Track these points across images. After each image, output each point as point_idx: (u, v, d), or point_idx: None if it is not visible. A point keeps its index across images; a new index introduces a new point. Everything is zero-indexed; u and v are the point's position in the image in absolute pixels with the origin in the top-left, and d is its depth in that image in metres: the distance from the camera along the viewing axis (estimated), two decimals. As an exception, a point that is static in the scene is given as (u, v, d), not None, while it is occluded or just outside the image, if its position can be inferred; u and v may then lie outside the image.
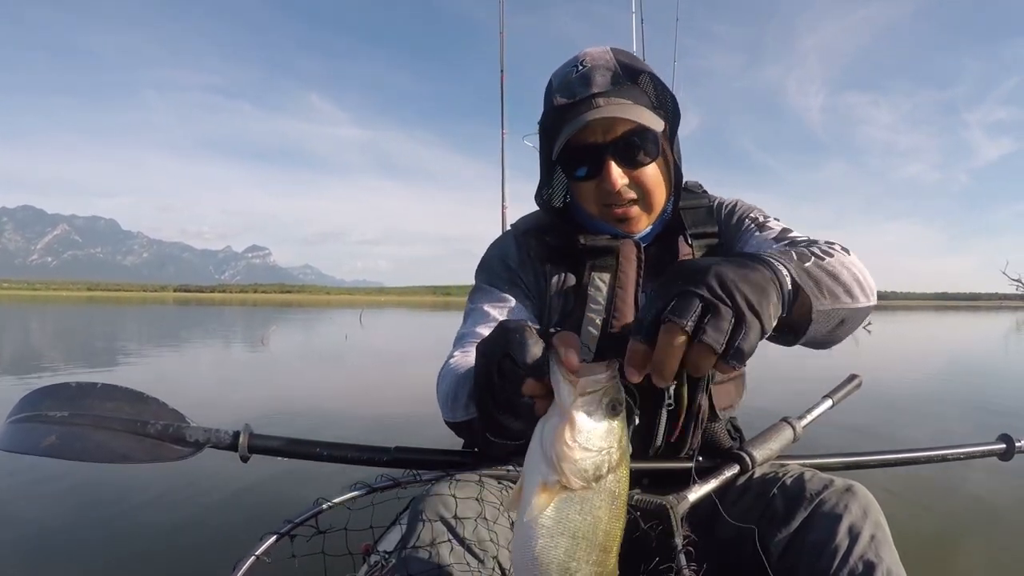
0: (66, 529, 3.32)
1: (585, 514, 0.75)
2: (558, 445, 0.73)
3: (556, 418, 0.75)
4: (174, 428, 1.31)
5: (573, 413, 0.73)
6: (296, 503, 1.33)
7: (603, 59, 1.34)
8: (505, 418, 0.90)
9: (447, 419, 1.28)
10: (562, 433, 0.73)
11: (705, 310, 0.71)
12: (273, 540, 1.26)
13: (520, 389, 0.82)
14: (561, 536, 0.75)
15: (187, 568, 2.86)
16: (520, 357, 0.83)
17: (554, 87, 1.36)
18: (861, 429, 5.48)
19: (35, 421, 1.27)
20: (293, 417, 6.33)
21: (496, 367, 0.87)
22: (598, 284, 1.37)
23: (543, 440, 0.76)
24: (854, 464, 1.47)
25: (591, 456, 0.74)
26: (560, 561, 0.76)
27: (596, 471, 0.74)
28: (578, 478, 0.74)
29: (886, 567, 1.08)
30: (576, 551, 0.76)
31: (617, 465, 0.76)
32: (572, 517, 0.75)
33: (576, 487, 0.74)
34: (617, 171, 1.31)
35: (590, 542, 0.76)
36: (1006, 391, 9.31)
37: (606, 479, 0.75)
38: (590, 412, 0.74)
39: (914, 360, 13.51)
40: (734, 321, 0.72)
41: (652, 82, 1.36)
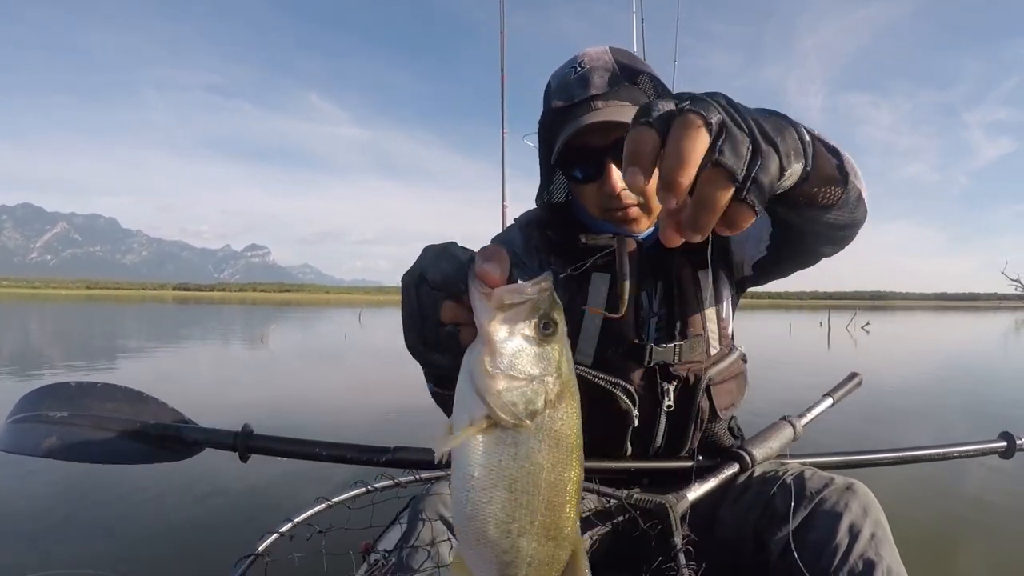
0: (65, 529, 3.32)
1: (521, 459, 0.63)
2: (478, 374, 0.62)
3: (477, 343, 0.64)
4: (174, 428, 1.32)
5: (489, 331, 0.62)
6: (296, 502, 1.33)
7: (602, 60, 1.32)
8: (433, 355, 0.77)
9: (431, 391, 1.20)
10: (481, 357, 0.62)
11: (720, 130, 0.60)
12: (273, 539, 1.26)
13: (440, 318, 0.71)
14: (495, 488, 0.63)
15: (187, 567, 2.86)
16: (431, 275, 0.71)
17: (552, 89, 1.35)
18: (860, 429, 5.48)
19: (35, 421, 1.27)
20: (293, 416, 6.33)
21: (415, 294, 0.74)
22: (597, 284, 1.36)
23: (467, 371, 0.64)
24: (854, 463, 1.47)
25: (519, 386, 0.62)
26: (498, 520, 0.63)
27: (528, 405, 0.62)
28: (506, 413, 0.61)
29: (886, 565, 1.08)
30: (516, 509, 0.63)
31: (557, 398, 0.64)
32: (506, 464, 0.62)
33: (507, 424, 0.62)
34: (618, 174, 1.28)
35: (532, 496, 0.63)
36: (1005, 391, 9.31)
37: (543, 415, 0.63)
38: (512, 330, 0.63)
39: (913, 360, 13.53)
40: (751, 149, 0.61)
41: (652, 82, 1.34)
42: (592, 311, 1.31)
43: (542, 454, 0.63)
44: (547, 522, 0.64)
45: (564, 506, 0.65)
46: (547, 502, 0.64)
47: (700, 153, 0.57)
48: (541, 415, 0.63)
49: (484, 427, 0.62)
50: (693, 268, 1.39)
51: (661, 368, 1.34)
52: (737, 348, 1.47)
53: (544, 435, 0.63)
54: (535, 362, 0.63)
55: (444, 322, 0.71)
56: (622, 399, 1.32)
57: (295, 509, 1.32)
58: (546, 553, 0.65)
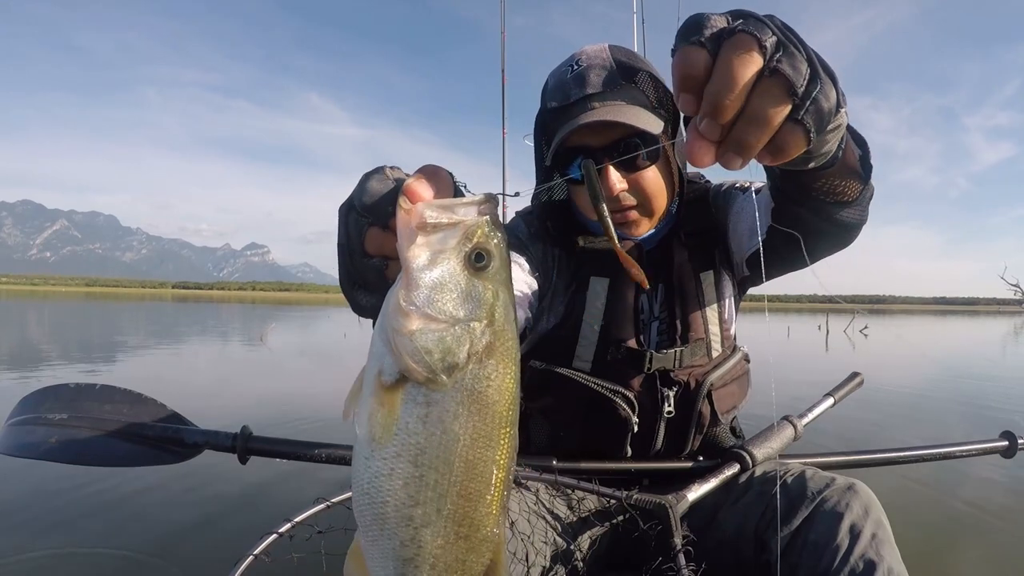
0: (64, 530, 3.31)
1: (431, 424, 0.49)
2: (391, 311, 0.50)
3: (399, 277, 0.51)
4: (173, 430, 1.32)
5: (407, 257, 0.49)
6: (296, 502, 1.33)
7: (599, 58, 1.29)
8: (358, 294, 0.69)
9: None
10: (396, 289, 0.50)
11: (776, 48, 0.53)
12: (272, 539, 1.26)
13: (365, 247, 0.62)
14: (397, 459, 0.49)
15: (186, 569, 2.86)
16: (358, 199, 0.62)
17: (549, 88, 1.32)
18: (856, 430, 5.48)
19: (35, 424, 1.27)
20: (292, 417, 6.32)
21: (344, 223, 0.65)
22: (596, 289, 1.34)
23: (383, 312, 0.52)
24: (856, 463, 1.47)
25: (436, 329, 0.49)
26: (398, 501, 0.50)
27: (446, 355, 0.49)
28: (417, 362, 0.48)
29: (887, 566, 1.08)
30: (421, 489, 0.50)
31: (486, 353, 0.50)
32: (413, 428, 0.49)
33: (418, 378, 0.49)
34: (615, 176, 1.25)
35: (441, 475, 0.50)
36: (1000, 393, 9.32)
37: (464, 372, 0.50)
38: (436, 257, 0.49)
39: (910, 363, 13.53)
40: (809, 70, 0.55)
41: (651, 81, 1.30)
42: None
43: (459, 421, 0.49)
44: (459, 513, 0.51)
45: (483, 495, 0.51)
46: (461, 486, 0.50)
47: (751, 76, 0.52)
48: (462, 371, 0.49)
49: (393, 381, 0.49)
50: (695, 269, 1.38)
51: (661, 374, 1.33)
52: (740, 349, 1.46)
53: (464, 397, 0.50)
54: (460, 301, 0.49)
55: (370, 253, 0.62)
56: (621, 407, 1.31)
57: (294, 510, 1.32)
58: (454, 556, 0.51)
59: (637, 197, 1.30)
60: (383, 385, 0.49)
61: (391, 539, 0.51)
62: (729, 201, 1.39)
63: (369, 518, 0.51)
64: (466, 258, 0.50)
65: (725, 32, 0.53)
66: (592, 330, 1.33)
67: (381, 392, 0.49)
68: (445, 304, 0.49)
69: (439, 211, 0.50)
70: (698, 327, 1.35)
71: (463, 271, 0.50)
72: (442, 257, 0.49)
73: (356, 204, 0.62)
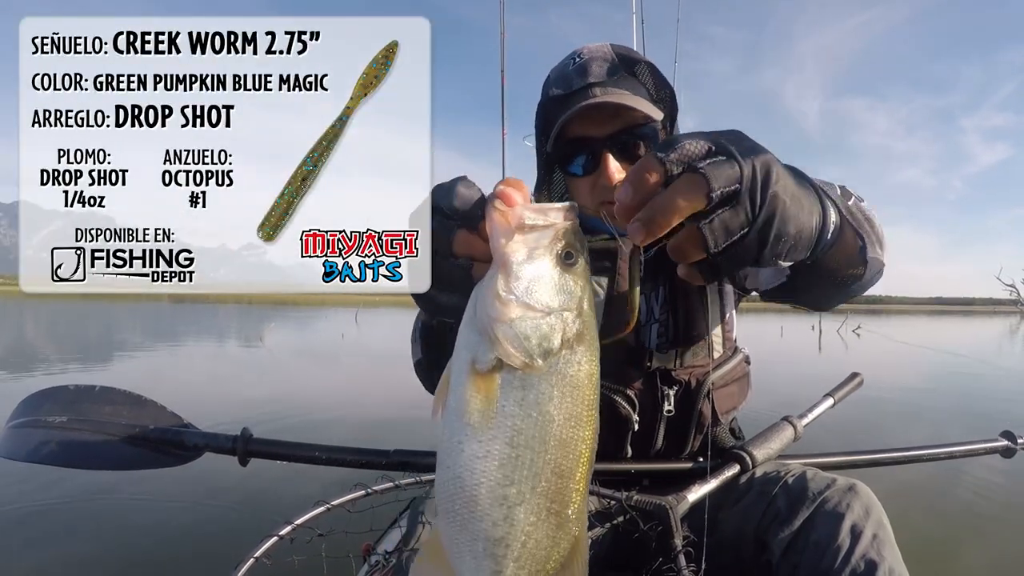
0: (64, 532, 3.31)
1: (528, 406, 0.53)
2: (489, 299, 0.54)
3: (492, 271, 0.56)
4: (173, 433, 1.31)
5: (506, 252, 0.55)
6: (297, 504, 1.33)
7: (601, 52, 1.31)
8: (441, 296, 0.72)
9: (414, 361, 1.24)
10: (494, 283, 0.55)
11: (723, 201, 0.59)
12: (272, 542, 1.25)
13: (452, 249, 0.66)
14: (494, 441, 0.53)
15: (186, 571, 2.85)
16: (445, 202, 0.67)
17: (551, 79, 1.34)
18: (854, 428, 5.49)
19: (34, 427, 1.27)
20: (292, 417, 6.31)
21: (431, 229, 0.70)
22: (596, 289, 1.35)
23: (474, 304, 0.57)
24: (856, 463, 1.47)
25: (534, 317, 0.54)
26: (493, 481, 0.53)
27: (543, 341, 0.54)
28: (516, 348, 0.53)
29: (888, 566, 1.08)
30: (516, 469, 0.53)
31: (576, 340, 0.56)
32: (510, 410, 0.53)
33: (515, 361, 0.53)
34: (615, 165, 1.27)
35: (537, 455, 0.53)
36: (993, 391, 9.33)
37: (559, 356, 0.54)
38: (533, 253, 0.55)
39: (901, 362, 13.56)
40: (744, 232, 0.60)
41: (650, 72, 1.33)
42: None
43: (554, 403, 0.54)
44: (552, 490, 0.54)
45: (574, 473, 0.55)
46: (555, 464, 0.54)
47: (686, 215, 0.57)
48: (556, 356, 0.54)
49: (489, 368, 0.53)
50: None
51: (662, 373, 1.33)
52: (741, 350, 1.46)
53: (558, 380, 0.54)
54: (555, 293, 0.55)
55: (457, 254, 0.66)
56: (622, 405, 1.32)
57: (295, 512, 1.32)
58: (545, 533, 0.55)
59: None
60: (478, 372, 0.54)
61: (482, 520, 0.53)
62: None
63: (460, 502, 0.54)
64: (558, 256, 0.56)
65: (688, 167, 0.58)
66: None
67: (477, 379, 0.53)
68: (542, 295, 0.55)
69: (534, 214, 0.56)
70: (700, 328, 1.35)
71: (556, 266, 0.56)
72: (538, 253, 0.55)
73: (445, 208, 0.67)
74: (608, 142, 1.27)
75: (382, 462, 1.35)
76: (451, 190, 0.67)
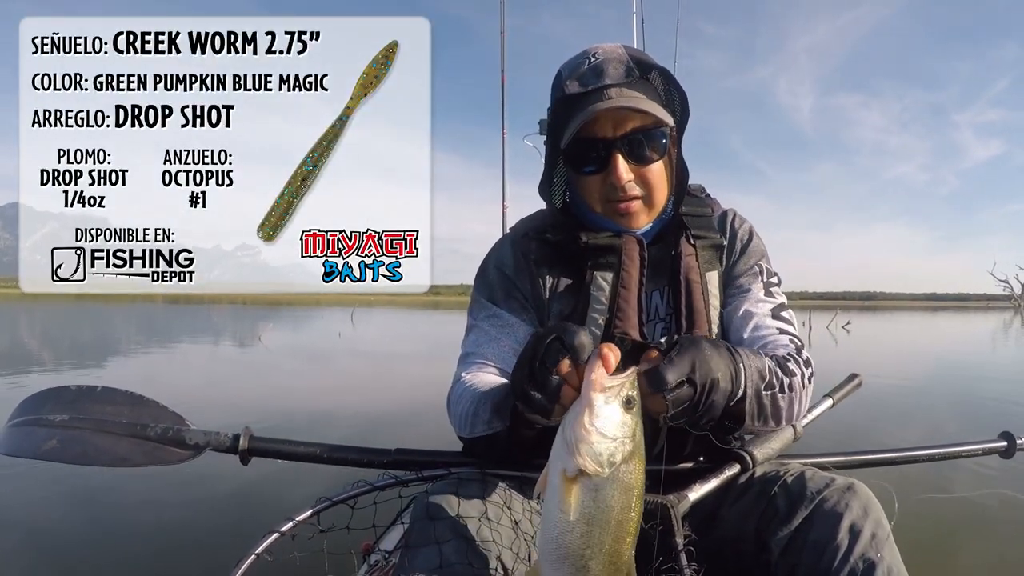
0: (66, 531, 3.31)
1: (600, 502, 0.84)
2: (577, 428, 0.83)
3: (578, 406, 0.86)
4: (174, 431, 1.31)
5: (593, 398, 0.84)
6: (298, 501, 1.33)
7: (615, 53, 1.32)
8: (532, 392, 0.96)
9: (464, 435, 1.32)
10: (582, 416, 0.84)
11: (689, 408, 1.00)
12: (274, 538, 1.25)
13: (557, 366, 0.93)
14: (578, 522, 0.84)
15: (188, 568, 2.86)
16: (568, 339, 0.94)
17: (564, 77, 1.34)
18: (857, 429, 5.50)
19: (35, 425, 1.27)
20: (292, 416, 6.31)
21: (544, 345, 0.96)
22: (600, 283, 1.35)
23: (565, 427, 0.86)
24: (855, 463, 1.48)
25: (606, 442, 0.83)
26: (576, 546, 0.85)
27: (610, 458, 0.83)
28: (592, 461, 0.82)
29: (887, 565, 1.09)
30: (590, 538, 0.84)
31: (630, 457, 0.85)
32: (587, 503, 0.84)
33: (591, 470, 0.82)
34: (624, 166, 1.30)
35: (603, 529, 0.84)
36: (985, 388, 9.36)
37: (619, 468, 0.84)
38: (608, 401, 0.84)
39: (889, 357, 13.60)
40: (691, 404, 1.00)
41: (663, 78, 1.35)
42: None
43: (614, 498, 0.84)
44: (612, 550, 0.86)
45: (626, 538, 0.87)
46: (614, 535, 0.85)
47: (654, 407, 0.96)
48: (617, 468, 0.84)
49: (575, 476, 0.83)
50: (702, 269, 1.39)
51: None
52: None
53: (617, 484, 0.85)
54: (618, 426, 0.84)
55: (558, 372, 0.93)
56: None
57: (296, 509, 1.32)
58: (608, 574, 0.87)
59: (642, 189, 1.34)
60: (567, 478, 0.83)
61: (569, 567, 0.86)
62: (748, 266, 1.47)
63: (555, 555, 0.86)
64: (624, 403, 0.85)
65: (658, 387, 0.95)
66: (598, 324, 1.34)
67: (567, 482, 0.83)
68: (611, 428, 0.84)
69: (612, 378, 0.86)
70: (703, 326, 1.36)
71: (621, 411, 0.85)
72: (611, 401, 0.85)
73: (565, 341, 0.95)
74: (618, 143, 1.30)
75: (384, 461, 1.35)
76: (574, 331, 0.95)
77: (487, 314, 1.44)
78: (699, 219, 1.45)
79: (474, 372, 1.37)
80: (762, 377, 1.15)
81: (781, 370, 1.22)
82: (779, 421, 1.22)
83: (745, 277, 1.44)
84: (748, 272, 1.44)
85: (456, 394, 1.35)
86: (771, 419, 1.20)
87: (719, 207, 1.51)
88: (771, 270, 1.46)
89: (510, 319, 1.41)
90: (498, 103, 5.21)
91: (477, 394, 1.27)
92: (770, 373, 1.18)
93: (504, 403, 1.19)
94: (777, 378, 1.19)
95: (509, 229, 1.58)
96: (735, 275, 1.45)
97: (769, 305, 1.39)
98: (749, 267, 1.45)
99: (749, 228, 1.49)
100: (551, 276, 1.42)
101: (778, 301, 1.41)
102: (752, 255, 1.46)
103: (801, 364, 1.28)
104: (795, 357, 1.29)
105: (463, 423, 1.30)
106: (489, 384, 1.30)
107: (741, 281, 1.44)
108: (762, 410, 1.17)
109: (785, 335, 1.35)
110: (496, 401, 1.21)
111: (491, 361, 1.38)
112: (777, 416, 1.20)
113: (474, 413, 1.26)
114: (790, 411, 1.23)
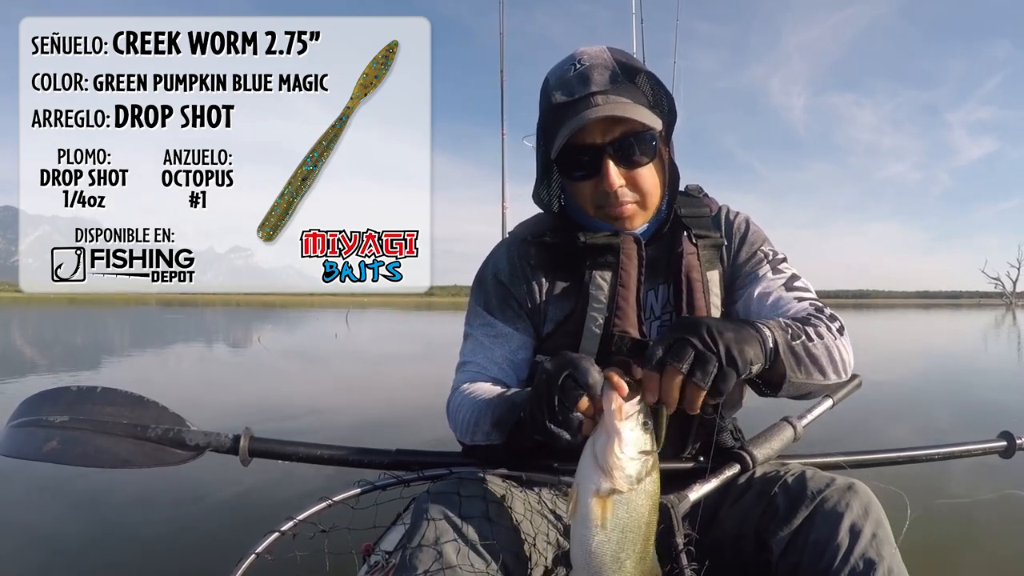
0: (66, 531, 3.30)
1: (631, 511, 0.96)
2: (610, 457, 0.94)
3: (604, 436, 0.96)
4: (174, 432, 1.31)
5: (621, 429, 0.95)
6: (299, 502, 1.32)
7: (601, 58, 1.32)
8: (553, 428, 1.01)
9: (464, 442, 1.35)
10: (613, 446, 0.94)
11: (693, 365, 0.96)
12: (274, 537, 1.25)
13: (576, 404, 0.98)
14: (613, 531, 0.95)
15: (188, 567, 2.85)
16: (582, 377, 0.99)
17: (552, 85, 1.35)
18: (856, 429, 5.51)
19: (35, 426, 1.26)
20: (292, 416, 6.30)
21: (559, 384, 1.00)
22: (599, 283, 1.36)
23: (596, 454, 0.96)
24: (855, 463, 1.48)
25: (636, 463, 0.95)
26: (613, 552, 0.96)
27: (639, 474, 0.95)
28: (626, 482, 0.94)
29: (887, 565, 1.09)
30: (625, 543, 0.96)
31: (652, 468, 0.97)
32: (621, 515, 0.95)
33: (624, 490, 0.94)
34: (615, 171, 1.30)
35: (635, 534, 0.96)
36: (994, 386, 9.39)
37: (645, 481, 0.96)
38: (632, 427, 0.95)
39: (878, 354, 13.64)
40: (718, 366, 0.96)
41: (649, 81, 1.35)
42: None
43: (643, 507, 0.97)
44: (642, 549, 0.98)
45: (650, 540, 1.00)
46: (644, 537, 0.98)
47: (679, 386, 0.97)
48: (642, 480, 0.95)
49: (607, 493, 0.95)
50: (703, 268, 1.39)
51: None
52: None
53: (644, 495, 0.97)
54: (643, 446, 0.95)
55: (578, 410, 0.99)
56: None
57: (296, 509, 1.31)
58: (640, 570, 0.99)
59: (635, 193, 1.35)
60: (600, 496, 0.95)
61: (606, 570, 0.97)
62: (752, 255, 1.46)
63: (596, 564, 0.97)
64: (643, 425, 0.96)
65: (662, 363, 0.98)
66: (597, 323, 1.35)
67: (599, 499, 0.95)
68: (638, 451, 0.95)
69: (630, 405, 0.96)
70: None
71: (642, 432, 0.96)
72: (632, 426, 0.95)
73: (579, 380, 0.99)
74: (608, 149, 1.30)
75: (384, 462, 1.35)
76: (587, 370, 1.00)
77: (481, 322, 1.46)
78: (699, 219, 1.45)
79: (471, 381, 1.39)
80: (784, 329, 1.15)
81: (801, 323, 1.22)
82: (823, 371, 1.20)
83: (751, 264, 1.44)
84: (753, 259, 1.44)
85: (455, 403, 1.37)
86: (813, 368, 1.18)
87: (716, 206, 1.51)
88: (775, 251, 1.46)
89: (504, 329, 1.43)
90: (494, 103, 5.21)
91: (476, 404, 1.30)
92: (790, 326, 1.18)
93: (504, 419, 1.22)
94: (800, 329, 1.19)
95: (508, 233, 1.58)
96: (740, 265, 1.45)
97: (781, 280, 1.39)
98: (753, 254, 1.45)
99: (744, 219, 1.50)
100: (549, 279, 1.42)
101: (790, 273, 1.41)
102: (753, 243, 1.46)
103: (824, 318, 1.27)
104: (815, 315, 1.28)
105: (463, 431, 1.33)
106: (486, 393, 1.32)
107: (748, 269, 1.44)
108: (799, 360, 1.15)
109: (804, 301, 1.34)
110: (497, 417, 1.24)
111: (485, 370, 1.41)
112: (818, 364, 1.19)
113: (474, 423, 1.29)
114: (831, 358, 1.21)
